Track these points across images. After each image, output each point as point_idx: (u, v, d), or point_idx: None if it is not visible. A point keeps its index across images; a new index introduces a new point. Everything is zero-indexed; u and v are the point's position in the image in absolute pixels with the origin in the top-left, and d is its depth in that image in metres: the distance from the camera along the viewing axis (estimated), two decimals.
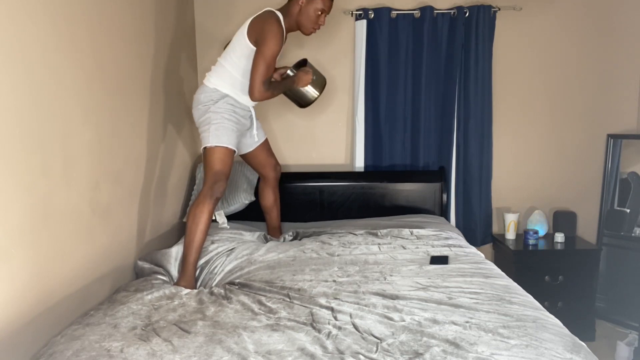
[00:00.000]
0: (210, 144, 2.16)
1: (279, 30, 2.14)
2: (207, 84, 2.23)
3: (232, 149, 2.19)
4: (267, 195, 2.59)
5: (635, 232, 2.92)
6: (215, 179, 2.14)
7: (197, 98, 2.24)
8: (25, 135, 1.47)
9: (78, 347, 1.38)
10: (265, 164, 2.54)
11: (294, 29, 2.29)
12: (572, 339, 1.40)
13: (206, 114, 2.18)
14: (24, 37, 1.47)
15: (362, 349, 1.35)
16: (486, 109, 2.97)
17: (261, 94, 2.14)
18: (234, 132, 2.20)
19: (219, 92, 2.20)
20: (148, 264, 2.13)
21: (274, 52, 2.13)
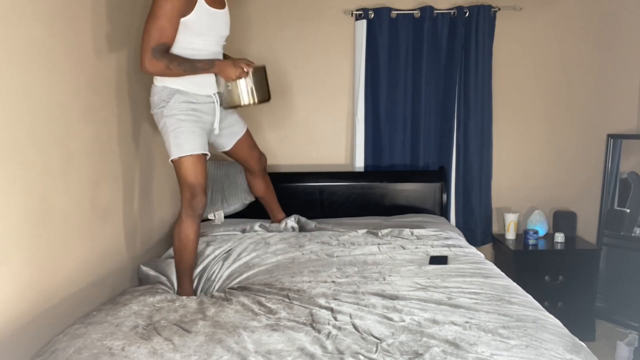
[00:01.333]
0: (173, 155, 1.94)
1: None
2: (155, 83, 1.99)
3: (198, 154, 1.96)
4: (257, 184, 2.55)
5: (635, 232, 2.92)
6: (191, 192, 1.95)
7: (150, 102, 2.01)
8: (25, 135, 1.48)
9: (80, 345, 1.38)
10: (249, 158, 2.42)
11: None
12: (572, 339, 1.40)
13: (162, 119, 1.95)
14: (23, 37, 1.47)
15: (361, 349, 1.35)
16: (486, 109, 2.97)
17: (151, 63, 1.82)
18: (195, 134, 1.95)
19: (168, 89, 1.94)
20: (153, 270, 2.10)
21: (165, 10, 1.79)
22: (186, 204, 1.97)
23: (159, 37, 1.82)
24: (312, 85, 3.04)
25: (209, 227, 2.47)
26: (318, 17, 3.01)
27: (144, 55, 1.83)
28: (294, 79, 3.06)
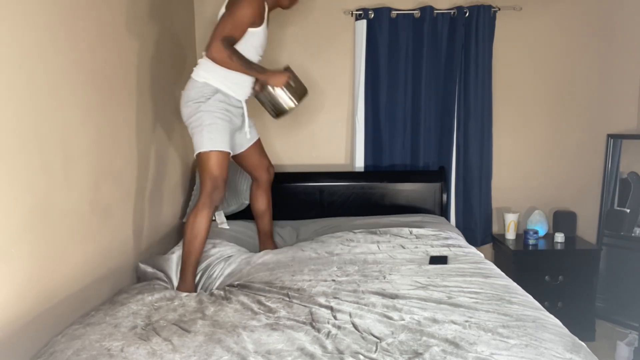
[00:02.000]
0: (205, 148, 2.05)
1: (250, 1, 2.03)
2: (195, 78, 2.09)
3: (228, 151, 2.10)
4: (260, 198, 2.45)
5: (635, 232, 2.92)
6: (214, 185, 2.06)
7: (186, 94, 2.11)
8: (25, 135, 1.48)
9: (78, 347, 1.38)
10: (257, 166, 2.42)
11: (274, 5, 2.24)
12: (572, 339, 1.40)
13: (197, 113, 2.05)
14: (23, 37, 1.47)
15: (361, 349, 1.35)
16: (486, 109, 2.97)
17: (218, 49, 1.97)
18: (227, 134, 2.10)
19: (210, 87, 2.07)
20: (150, 267, 2.11)
21: (245, 15, 2.02)
22: (206, 195, 2.06)
23: (231, 31, 2.01)
24: (312, 85, 3.04)
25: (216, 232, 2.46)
26: (318, 17, 3.01)
27: (213, 42, 1.99)
28: None
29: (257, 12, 2.06)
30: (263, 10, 2.10)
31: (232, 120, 2.15)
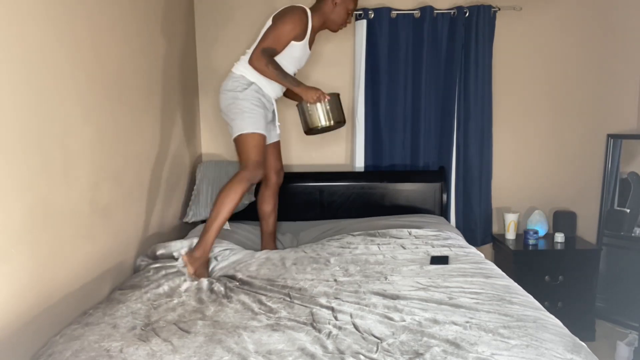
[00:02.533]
0: (247, 130, 2.18)
1: (301, 17, 2.24)
2: (234, 71, 2.29)
3: (265, 135, 2.24)
4: (267, 200, 2.51)
5: (635, 232, 2.92)
6: (254, 165, 2.18)
7: (224, 85, 2.30)
8: (25, 135, 1.47)
9: (77, 348, 1.37)
10: (271, 166, 2.48)
11: (321, 27, 2.37)
12: (572, 339, 1.40)
13: (235, 101, 2.21)
14: (24, 37, 1.47)
15: (362, 349, 1.34)
16: (486, 109, 2.97)
17: (258, 59, 2.15)
18: (262, 119, 2.23)
19: (245, 79, 2.24)
20: (146, 259, 2.15)
21: (288, 30, 2.20)
22: (249, 170, 2.17)
23: (272, 43, 2.19)
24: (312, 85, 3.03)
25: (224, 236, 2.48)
26: None
27: (255, 51, 2.17)
28: None
29: (299, 29, 2.24)
30: (306, 28, 2.28)
31: (266, 112, 2.29)
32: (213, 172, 2.89)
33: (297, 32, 2.24)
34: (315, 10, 2.33)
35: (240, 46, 3.02)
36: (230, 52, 3.04)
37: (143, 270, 2.02)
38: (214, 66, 3.06)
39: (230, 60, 3.03)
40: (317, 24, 2.35)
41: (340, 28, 2.40)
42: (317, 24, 2.34)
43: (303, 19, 2.26)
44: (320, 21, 2.35)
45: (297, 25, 2.23)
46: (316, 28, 2.36)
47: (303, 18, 2.26)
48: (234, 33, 3.03)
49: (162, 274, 1.96)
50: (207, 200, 2.80)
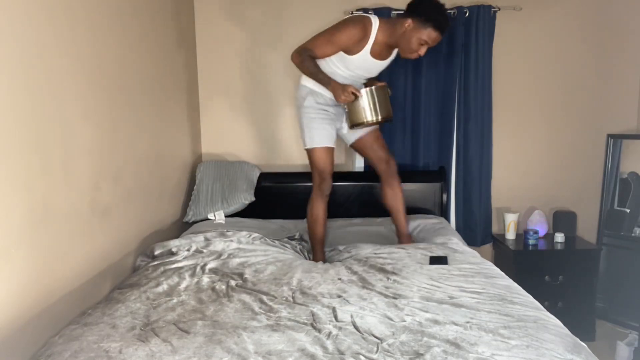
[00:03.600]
0: (307, 146, 2.30)
1: (354, 27, 2.11)
2: (300, 81, 2.33)
3: (326, 146, 2.27)
4: (383, 191, 2.46)
5: (635, 232, 2.92)
6: (320, 177, 2.30)
7: (295, 97, 2.40)
8: (25, 135, 1.47)
9: (76, 348, 1.37)
10: (373, 157, 2.45)
11: (392, 44, 2.19)
12: (573, 340, 1.40)
13: (300, 113, 2.31)
14: (23, 37, 1.47)
15: (362, 349, 1.34)
16: (486, 109, 2.97)
17: (296, 55, 2.18)
18: (324, 129, 2.26)
19: (305, 88, 2.28)
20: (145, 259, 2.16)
21: (336, 36, 2.12)
22: (316, 187, 2.32)
23: (314, 46, 2.16)
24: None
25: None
26: (318, 17, 3.00)
27: (297, 48, 2.19)
28: (294, 79, 3.06)
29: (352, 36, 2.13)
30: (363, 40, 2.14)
31: (329, 115, 2.30)
32: (213, 172, 2.90)
33: (352, 42, 2.13)
34: (388, 24, 2.16)
35: (241, 46, 3.03)
36: (231, 51, 3.04)
37: (142, 269, 2.02)
38: (214, 66, 3.06)
39: (231, 60, 3.05)
40: (384, 39, 2.16)
41: (409, 56, 2.16)
42: (383, 38, 2.16)
43: (358, 28, 2.11)
44: (387, 36, 2.15)
45: (349, 32, 2.11)
46: (382, 42, 2.17)
47: (358, 28, 2.11)
48: (235, 32, 3.03)
49: (160, 271, 1.95)
50: (207, 200, 2.80)
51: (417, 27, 2.06)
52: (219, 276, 1.92)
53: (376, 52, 2.21)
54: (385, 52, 2.25)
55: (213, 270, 1.98)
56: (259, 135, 3.11)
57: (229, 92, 3.08)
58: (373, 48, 2.18)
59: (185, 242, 2.24)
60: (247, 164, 2.97)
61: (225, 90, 3.08)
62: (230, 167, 2.93)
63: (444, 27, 2.06)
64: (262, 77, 3.06)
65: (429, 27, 2.04)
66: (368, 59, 2.21)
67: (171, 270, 1.96)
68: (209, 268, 2.00)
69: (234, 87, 3.08)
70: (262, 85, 3.07)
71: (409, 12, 2.09)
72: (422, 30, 2.05)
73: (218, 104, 3.09)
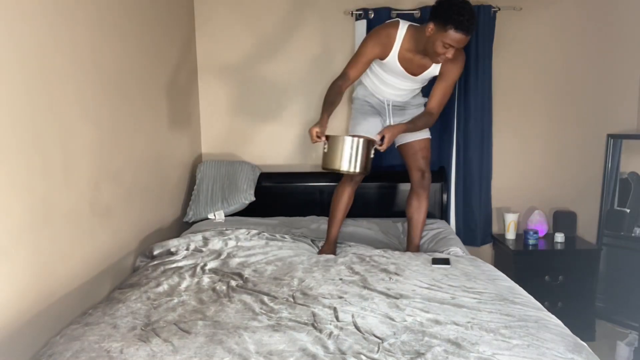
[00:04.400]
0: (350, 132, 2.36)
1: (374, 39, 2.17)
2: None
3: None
4: (409, 200, 2.43)
5: (635, 232, 2.92)
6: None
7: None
8: (25, 135, 1.47)
9: (77, 348, 1.37)
10: (410, 164, 2.43)
11: (422, 51, 2.15)
12: (573, 339, 1.40)
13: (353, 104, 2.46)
14: (23, 37, 1.47)
15: (363, 349, 1.34)
16: (486, 109, 2.97)
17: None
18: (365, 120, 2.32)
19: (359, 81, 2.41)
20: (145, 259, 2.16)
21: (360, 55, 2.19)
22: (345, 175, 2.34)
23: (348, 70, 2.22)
24: (312, 85, 3.04)
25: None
26: (318, 17, 3.00)
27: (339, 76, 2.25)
28: (294, 79, 3.06)
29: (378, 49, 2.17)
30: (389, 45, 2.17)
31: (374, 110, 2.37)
32: (213, 172, 2.89)
33: (376, 52, 2.17)
34: (415, 30, 2.15)
35: (241, 45, 3.02)
36: (231, 51, 3.04)
37: (142, 269, 2.02)
38: (214, 66, 3.06)
39: (231, 60, 3.05)
40: (410, 45, 2.15)
41: (437, 61, 2.12)
42: (409, 44, 2.15)
43: (382, 38, 2.15)
44: (414, 42, 2.14)
45: (368, 44, 2.17)
46: (409, 48, 2.16)
47: (382, 37, 2.15)
48: (235, 32, 3.03)
49: (160, 270, 1.95)
50: (207, 199, 2.80)
51: (439, 31, 2.01)
52: (219, 276, 1.92)
53: (406, 60, 2.19)
54: (417, 66, 2.21)
55: (213, 270, 1.98)
56: (259, 135, 3.11)
57: (229, 92, 3.08)
58: (401, 54, 2.18)
59: (184, 242, 2.24)
60: (247, 164, 2.97)
61: (226, 90, 3.08)
62: (230, 167, 2.93)
63: (467, 26, 1.98)
64: (262, 77, 3.06)
65: (449, 29, 1.98)
66: (397, 67, 2.21)
67: (171, 270, 1.96)
68: (209, 268, 2.00)
69: (234, 87, 3.07)
70: (262, 85, 3.06)
71: (431, 16, 2.05)
72: (444, 32, 2.00)
73: (218, 103, 3.09)
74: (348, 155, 1.98)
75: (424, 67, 2.23)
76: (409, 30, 2.16)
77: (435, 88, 2.27)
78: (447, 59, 2.08)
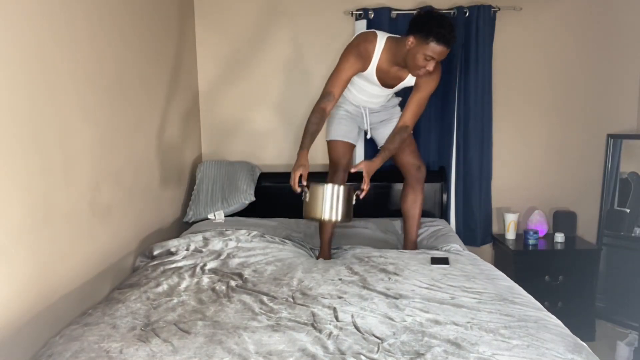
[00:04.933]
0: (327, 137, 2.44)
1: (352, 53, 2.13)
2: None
3: (340, 140, 2.36)
4: (404, 194, 2.44)
5: (635, 232, 2.92)
6: (333, 169, 2.38)
7: None
8: (25, 135, 1.47)
9: (77, 349, 1.37)
10: (402, 162, 2.42)
11: (400, 63, 2.14)
12: (573, 340, 1.40)
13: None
14: (22, 37, 1.47)
15: (363, 349, 1.34)
16: (486, 109, 2.97)
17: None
18: (340, 124, 2.37)
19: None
20: (144, 259, 2.16)
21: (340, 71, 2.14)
22: (329, 179, 2.37)
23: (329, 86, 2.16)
24: (312, 85, 3.04)
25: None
26: (318, 17, 3.00)
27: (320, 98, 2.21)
28: (294, 79, 3.06)
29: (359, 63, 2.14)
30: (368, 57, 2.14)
31: (350, 115, 2.41)
32: (213, 172, 2.89)
33: (357, 67, 2.14)
34: (394, 42, 2.13)
35: (241, 45, 3.03)
36: (231, 51, 3.04)
37: (141, 269, 2.02)
38: (214, 66, 3.06)
39: (231, 60, 3.05)
40: (388, 57, 2.14)
41: (418, 74, 2.10)
42: (387, 56, 2.14)
43: (361, 52, 2.12)
44: (392, 55, 2.13)
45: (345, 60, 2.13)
46: (387, 61, 2.15)
47: (361, 51, 2.12)
48: (235, 32, 3.03)
49: (160, 271, 1.95)
50: (207, 200, 2.80)
51: (420, 43, 2.01)
52: (218, 276, 1.92)
53: (382, 72, 2.18)
54: (392, 78, 2.22)
55: (213, 271, 1.98)
56: (259, 135, 3.11)
57: (229, 92, 3.08)
58: (379, 67, 2.17)
59: (183, 242, 2.24)
60: (247, 164, 2.97)
61: (225, 90, 3.08)
62: (230, 167, 2.93)
63: (447, 39, 1.99)
64: (262, 77, 3.06)
65: (431, 42, 1.98)
66: (373, 79, 2.21)
67: (171, 270, 1.96)
68: (209, 268, 2.00)
69: (234, 87, 3.07)
70: (262, 85, 3.07)
71: (411, 29, 2.05)
72: (425, 45, 1.99)
73: (218, 103, 3.09)
74: (329, 204, 1.95)
75: (400, 78, 2.23)
76: (387, 43, 2.14)
77: (410, 100, 2.24)
78: (428, 72, 2.07)
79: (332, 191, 1.95)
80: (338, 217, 1.96)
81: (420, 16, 2.05)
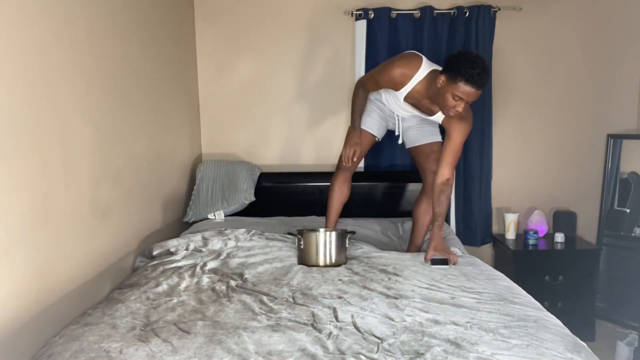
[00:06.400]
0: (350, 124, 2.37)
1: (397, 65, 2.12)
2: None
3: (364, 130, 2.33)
4: (419, 202, 2.41)
5: (635, 232, 2.92)
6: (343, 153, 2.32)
7: None
8: (25, 135, 1.47)
9: (77, 349, 1.37)
10: (424, 167, 2.39)
11: (432, 98, 2.10)
12: (573, 339, 1.40)
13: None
14: (22, 36, 1.47)
15: (363, 349, 1.34)
16: (486, 109, 2.97)
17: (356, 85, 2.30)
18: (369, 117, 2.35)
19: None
20: (144, 259, 2.16)
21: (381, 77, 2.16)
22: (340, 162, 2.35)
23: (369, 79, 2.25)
24: (312, 85, 3.04)
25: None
26: (318, 17, 3.01)
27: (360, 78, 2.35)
28: (294, 79, 3.06)
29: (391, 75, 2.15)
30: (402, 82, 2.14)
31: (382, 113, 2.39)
32: (213, 172, 2.90)
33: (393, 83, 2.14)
34: (432, 75, 2.09)
35: (241, 45, 3.03)
36: (231, 51, 3.04)
37: (141, 269, 2.02)
38: (214, 65, 3.06)
39: (231, 60, 3.05)
40: (422, 89, 2.12)
41: (447, 113, 2.04)
42: (421, 88, 2.11)
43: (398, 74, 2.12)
44: (426, 88, 2.10)
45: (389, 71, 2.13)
46: (420, 92, 2.13)
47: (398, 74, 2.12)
48: (235, 32, 3.03)
49: (160, 270, 1.95)
50: (207, 200, 2.80)
51: (450, 82, 1.94)
52: (218, 276, 1.92)
53: (413, 99, 2.18)
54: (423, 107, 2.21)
55: (213, 271, 1.98)
56: (259, 135, 3.12)
57: (229, 92, 3.08)
58: (410, 94, 2.16)
59: (183, 242, 2.24)
60: (247, 164, 2.97)
61: (225, 90, 3.08)
62: (230, 167, 2.93)
63: (477, 80, 1.90)
64: (262, 77, 3.06)
65: (459, 82, 1.91)
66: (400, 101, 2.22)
67: (170, 270, 1.96)
68: (209, 268, 2.00)
69: (234, 87, 3.08)
70: (262, 85, 3.07)
71: (444, 68, 1.99)
72: (454, 85, 1.93)
73: (218, 103, 3.09)
74: (323, 250, 2.03)
75: (431, 111, 2.21)
76: (428, 75, 2.10)
77: (445, 151, 2.16)
78: (458, 112, 2.00)
79: (324, 238, 2.04)
80: (332, 262, 2.04)
81: (454, 55, 1.98)
